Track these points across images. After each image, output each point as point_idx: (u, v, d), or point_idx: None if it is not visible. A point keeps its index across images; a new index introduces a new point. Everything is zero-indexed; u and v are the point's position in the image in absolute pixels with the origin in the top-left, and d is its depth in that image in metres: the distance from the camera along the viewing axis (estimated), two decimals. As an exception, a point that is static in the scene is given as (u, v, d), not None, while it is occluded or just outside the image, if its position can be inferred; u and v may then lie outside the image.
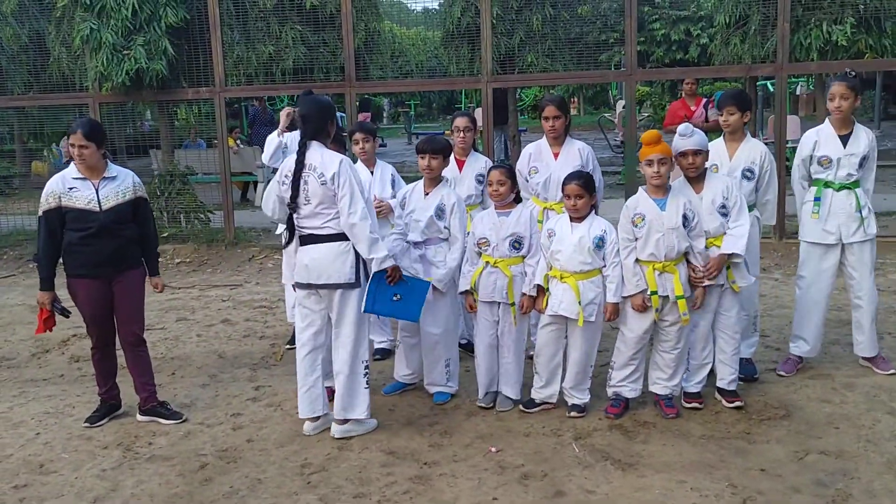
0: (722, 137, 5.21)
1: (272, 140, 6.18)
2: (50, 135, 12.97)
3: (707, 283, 4.59)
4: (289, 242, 4.61)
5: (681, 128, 4.63)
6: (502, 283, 4.79)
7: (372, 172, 5.56)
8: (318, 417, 4.69)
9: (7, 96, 11.18)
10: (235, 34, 10.10)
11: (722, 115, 5.12)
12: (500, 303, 4.84)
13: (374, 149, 5.67)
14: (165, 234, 10.13)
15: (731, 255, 4.61)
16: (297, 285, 4.61)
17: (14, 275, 9.52)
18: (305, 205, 4.43)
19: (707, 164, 4.77)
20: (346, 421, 4.60)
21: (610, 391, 4.85)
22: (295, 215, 4.49)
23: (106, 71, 9.57)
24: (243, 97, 15.38)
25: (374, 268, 4.45)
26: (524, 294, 4.79)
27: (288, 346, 6.52)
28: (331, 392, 4.72)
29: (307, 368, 4.63)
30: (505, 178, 4.81)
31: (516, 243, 4.79)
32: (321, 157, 4.40)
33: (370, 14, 10.86)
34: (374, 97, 24.87)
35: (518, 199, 4.94)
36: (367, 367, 4.63)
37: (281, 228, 6.16)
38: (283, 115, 6.31)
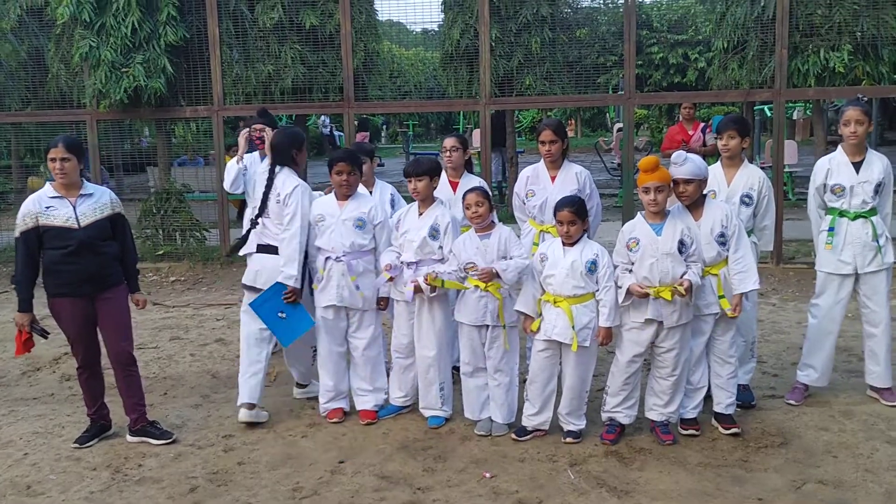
0: (719, 162, 5.19)
1: (232, 167, 6.24)
2: (46, 151, 12.95)
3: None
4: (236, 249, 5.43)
5: (673, 156, 4.61)
6: (493, 305, 4.76)
7: (371, 192, 5.54)
8: (253, 406, 5.13)
9: (4, 112, 11.18)
10: (235, 53, 10.12)
11: (722, 139, 5.09)
12: (490, 326, 4.81)
13: (372, 169, 5.66)
14: (160, 252, 10.09)
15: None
16: (244, 286, 5.27)
17: (7, 291, 9.44)
18: (267, 219, 5.13)
19: (705, 191, 4.75)
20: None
21: (604, 416, 4.80)
22: (256, 227, 5.20)
23: (104, 88, 9.57)
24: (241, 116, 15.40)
25: (279, 278, 4.95)
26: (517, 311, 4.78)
27: None
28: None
29: (253, 357, 5.22)
30: (482, 199, 4.78)
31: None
32: (283, 181, 5.07)
33: (369, 35, 10.88)
34: (373, 117, 24.95)
35: (494, 221, 4.91)
36: (314, 351, 5.30)
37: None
38: (241, 139, 6.32)
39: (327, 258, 5.06)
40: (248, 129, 6.37)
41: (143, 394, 5.00)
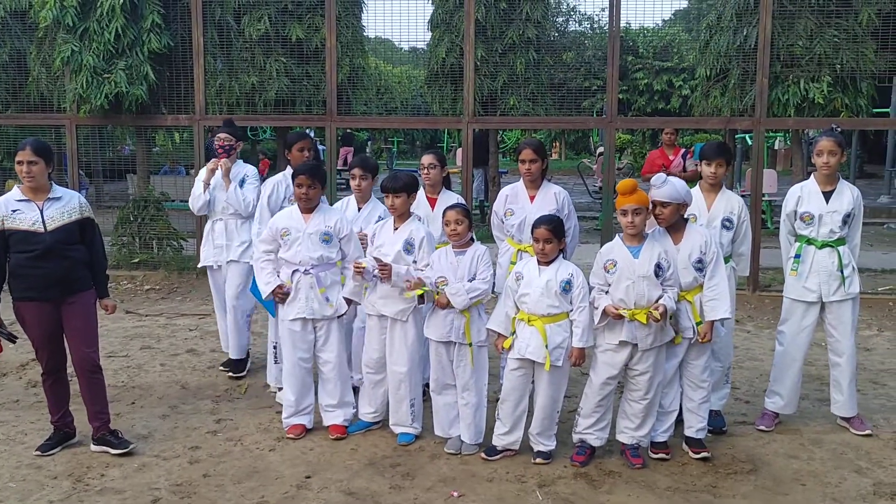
0: (698, 188, 5.21)
1: (200, 196, 6.18)
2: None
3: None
4: None
5: (654, 178, 4.63)
6: (459, 322, 4.75)
7: (360, 208, 5.50)
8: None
9: (-17, 114, 11.06)
10: (219, 63, 10.08)
11: (711, 166, 5.06)
12: (456, 343, 4.79)
13: (371, 187, 5.58)
14: (136, 261, 9.99)
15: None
16: None
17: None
18: None
19: (686, 215, 4.77)
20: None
21: (576, 437, 4.78)
22: None
23: (85, 93, 9.49)
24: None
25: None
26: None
27: (222, 368, 6.42)
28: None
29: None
30: (462, 218, 4.79)
31: (473, 280, 4.75)
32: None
33: (355, 50, 10.89)
34: (357, 132, 24.94)
35: (472, 239, 4.92)
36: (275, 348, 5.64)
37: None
38: (208, 169, 6.25)
39: (294, 271, 5.02)
40: (216, 161, 6.26)
41: (107, 402, 4.91)
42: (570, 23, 14.58)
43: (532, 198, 5.44)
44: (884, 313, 8.40)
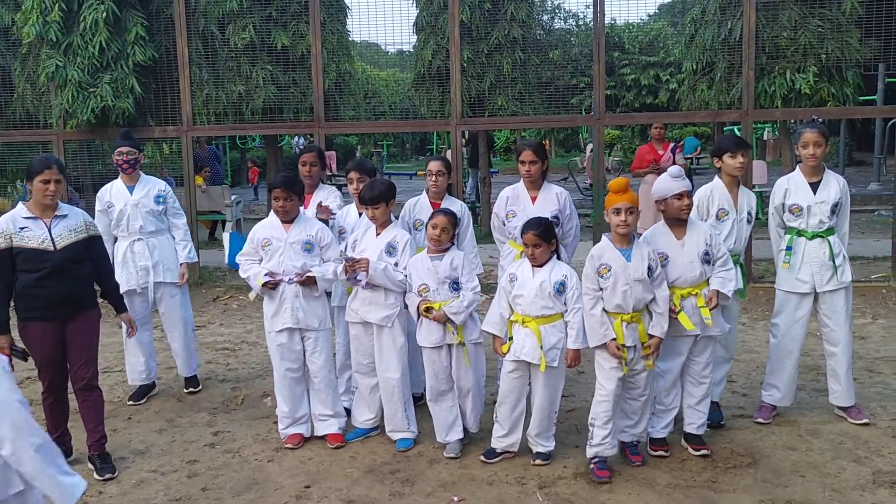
0: (720, 182, 5.11)
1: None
2: (14, 171, 12.78)
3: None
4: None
5: (672, 170, 4.59)
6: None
7: (360, 214, 5.39)
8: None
9: (-30, 132, 11.00)
10: (204, 73, 10.07)
11: (735, 158, 5.00)
12: (450, 345, 4.79)
13: None
14: (128, 274, 9.94)
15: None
16: None
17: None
18: None
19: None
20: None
21: (590, 451, 4.57)
22: None
23: (71, 108, 9.46)
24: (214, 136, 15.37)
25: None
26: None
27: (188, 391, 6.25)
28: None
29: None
30: (450, 227, 4.79)
31: (454, 284, 4.76)
32: None
33: (341, 55, 10.89)
34: (347, 137, 24.95)
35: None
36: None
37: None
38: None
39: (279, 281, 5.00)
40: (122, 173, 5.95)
41: (103, 420, 4.86)
42: (555, 21, 14.58)
43: (533, 199, 5.39)
44: (877, 301, 8.42)
